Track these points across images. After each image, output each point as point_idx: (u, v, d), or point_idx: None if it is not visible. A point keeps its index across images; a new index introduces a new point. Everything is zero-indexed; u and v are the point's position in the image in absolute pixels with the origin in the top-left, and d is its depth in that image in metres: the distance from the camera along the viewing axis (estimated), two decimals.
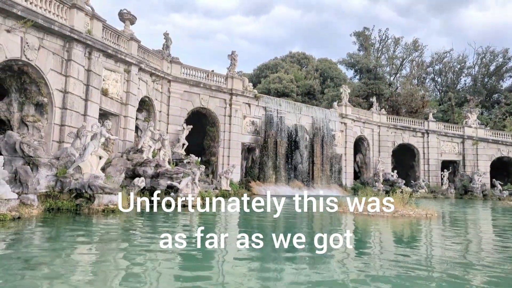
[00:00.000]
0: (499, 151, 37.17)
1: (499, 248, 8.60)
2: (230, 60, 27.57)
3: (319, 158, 31.13)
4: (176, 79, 23.94)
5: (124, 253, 6.90)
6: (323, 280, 5.40)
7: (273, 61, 60.48)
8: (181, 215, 12.93)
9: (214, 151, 26.13)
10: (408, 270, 5.97)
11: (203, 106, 25.49)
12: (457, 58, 58.54)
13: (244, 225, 11.73)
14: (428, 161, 37.48)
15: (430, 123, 38.12)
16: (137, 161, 16.64)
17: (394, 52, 57.74)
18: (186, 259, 6.66)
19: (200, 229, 10.03)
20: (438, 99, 58.27)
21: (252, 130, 28.17)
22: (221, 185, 22.39)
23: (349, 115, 34.59)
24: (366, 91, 49.81)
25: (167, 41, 24.02)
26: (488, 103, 54.89)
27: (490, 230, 12.24)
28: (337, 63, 59.31)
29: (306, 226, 11.99)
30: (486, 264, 6.56)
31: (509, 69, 56.82)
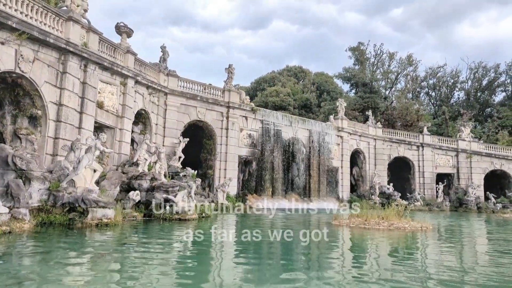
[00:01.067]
0: (492, 164, 37.37)
1: (493, 261, 8.48)
2: (227, 73, 27.67)
3: (315, 171, 31.03)
4: (172, 92, 23.91)
5: (118, 268, 6.68)
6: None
7: (270, 74, 60.98)
8: (176, 229, 12.67)
9: (210, 164, 25.95)
10: (401, 283, 5.82)
11: (200, 119, 25.43)
12: (451, 72, 59.40)
13: (241, 240, 11.50)
14: (423, 174, 37.51)
15: (425, 137, 38.31)
16: (132, 174, 16.43)
17: (389, 66, 58.46)
18: (181, 273, 6.46)
19: (196, 242, 9.80)
20: (433, 113, 58.76)
21: (249, 143, 28.08)
22: (217, 198, 22.15)
23: (345, 129, 34.67)
24: (362, 104, 50.14)
25: (164, 54, 24.09)
26: (481, 117, 55.40)
27: (485, 244, 12.09)
28: (333, 77, 59.90)
29: (303, 238, 11.77)
30: (480, 277, 6.44)
31: (501, 84, 57.65)
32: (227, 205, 21.96)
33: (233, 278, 6.20)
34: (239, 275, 6.42)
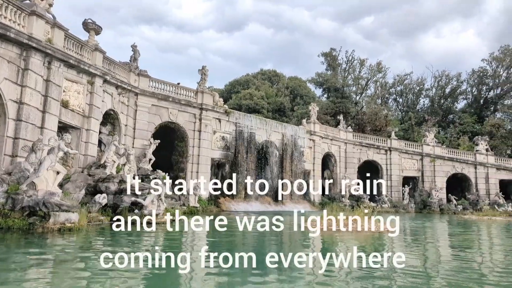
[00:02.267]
0: (454, 168, 39.10)
1: (455, 258, 8.78)
2: (200, 75, 27.34)
3: (288, 174, 31.18)
4: (143, 92, 23.32)
5: (81, 275, 6.33)
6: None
7: (244, 77, 61.00)
8: (145, 233, 12.27)
9: (182, 166, 25.48)
10: (370, 282, 5.86)
11: (172, 120, 24.93)
12: (417, 80, 61.73)
13: (211, 243, 11.28)
14: (390, 177, 38.62)
15: (392, 141, 39.50)
16: (99, 177, 15.82)
17: (360, 72, 60.06)
18: (149, 280, 6.20)
19: (165, 247, 9.52)
20: (400, 118, 60.78)
21: (222, 145, 27.84)
22: (189, 201, 21.73)
23: (317, 132, 35.15)
24: (333, 109, 51.09)
25: (135, 53, 23.47)
26: (444, 123, 57.89)
27: (447, 242, 12.53)
28: (306, 81, 60.75)
29: (275, 242, 11.71)
30: (442, 273, 6.62)
31: (462, 92, 60.58)
32: (198, 208, 21.63)
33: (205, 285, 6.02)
34: (211, 282, 6.25)
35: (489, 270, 8.22)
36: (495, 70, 56.33)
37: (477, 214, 31.45)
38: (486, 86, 57.96)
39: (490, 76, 56.67)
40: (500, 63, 55.44)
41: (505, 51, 54.84)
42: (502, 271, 8.03)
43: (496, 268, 8.44)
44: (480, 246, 12.96)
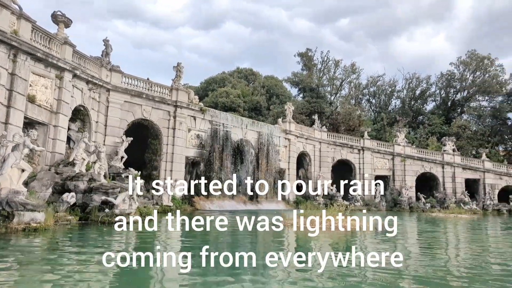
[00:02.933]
0: (423, 167, 40.50)
1: (424, 253, 9.07)
2: (175, 72, 26.89)
3: (263, 173, 31.27)
4: (116, 88, 22.69)
5: (47, 277, 6.05)
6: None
7: (221, 75, 60.58)
8: (116, 232, 11.93)
9: (156, 165, 24.99)
10: (343, 279, 5.95)
11: (145, 117, 24.41)
12: (389, 82, 63.40)
13: (186, 242, 11.12)
14: (363, 176, 39.48)
15: (365, 141, 40.40)
16: (67, 175, 15.25)
17: (335, 73, 60.99)
18: (119, 281, 6.01)
19: (136, 247, 9.30)
20: (373, 118, 62.25)
21: (197, 143, 27.53)
22: (162, 200, 21.35)
23: (292, 131, 35.43)
24: (309, 108, 51.65)
25: (107, 48, 22.78)
26: (414, 124, 59.80)
27: (416, 239, 12.93)
28: (282, 81, 61.07)
29: (250, 241, 11.69)
30: (412, 269, 6.82)
31: (431, 94, 62.82)
32: (172, 207, 21.29)
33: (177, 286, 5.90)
34: (183, 283, 6.14)
35: (455, 265, 8.53)
36: (462, 74, 58.71)
37: (444, 212, 32.68)
38: (453, 89, 60.33)
39: (458, 79, 59.02)
40: (467, 67, 57.83)
41: (471, 56, 57.23)
42: (466, 265, 8.36)
43: (462, 263, 8.77)
44: (447, 242, 13.46)
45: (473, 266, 8.41)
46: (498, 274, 7.57)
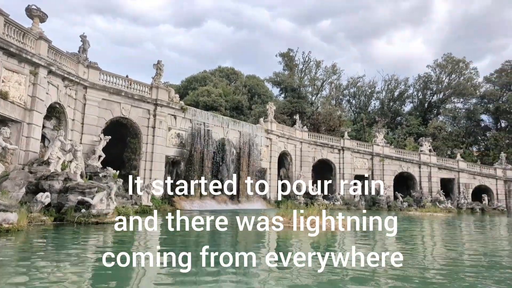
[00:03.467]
0: (401, 167, 41.44)
1: (400, 249, 9.27)
2: (155, 70, 26.48)
3: (245, 172, 31.23)
4: (93, 86, 22.13)
5: (20, 280, 5.81)
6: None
7: (202, 74, 60.12)
8: (93, 233, 11.63)
9: (135, 164, 24.54)
10: (321, 276, 5.99)
11: (124, 116, 23.92)
12: (369, 83, 64.59)
13: (165, 243, 10.95)
14: (343, 176, 40.04)
15: (345, 141, 40.98)
16: (42, 174, 14.76)
17: (316, 74, 61.58)
18: (96, 282, 5.84)
19: (114, 248, 9.08)
20: (353, 119, 63.23)
21: (178, 143, 27.20)
22: (141, 200, 20.99)
23: (274, 131, 35.53)
24: (290, 108, 51.95)
25: (84, 44, 22.18)
26: (392, 125, 61.14)
27: (394, 236, 13.13)
28: (264, 80, 61.19)
29: (232, 240, 11.63)
30: (390, 266, 6.96)
31: (409, 96, 64.41)
32: (151, 207, 20.96)
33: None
34: (163, 284, 6.02)
35: (430, 262, 8.74)
36: (438, 76, 60.41)
37: (421, 210, 33.50)
38: (430, 91, 61.99)
39: (434, 82, 60.70)
40: (443, 70, 59.55)
41: (447, 59, 58.96)
42: (442, 263, 8.58)
43: (437, 259, 8.99)
44: (423, 239, 13.78)
45: (448, 263, 8.63)
46: (472, 269, 7.79)
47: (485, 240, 14.56)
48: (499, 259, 9.43)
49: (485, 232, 18.42)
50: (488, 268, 7.99)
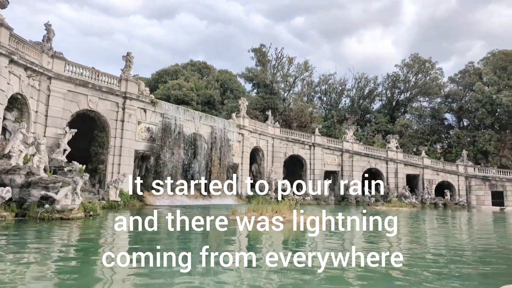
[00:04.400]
0: (369, 163, 42.71)
1: (366, 240, 9.61)
2: (125, 62, 25.74)
3: (216, 168, 31.10)
4: (58, 77, 21.23)
5: None
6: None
7: (173, 67, 59.07)
8: (57, 229, 11.24)
9: (102, 158, 23.85)
10: (292, 269, 6.11)
11: (91, 108, 23.14)
12: (340, 81, 65.88)
13: (132, 241, 10.75)
14: (313, 171, 40.78)
15: (316, 137, 41.68)
16: (2, 168, 14.08)
17: (288, 70, 62.03)
18: (59, 282, 5.67)
19: (78, 246, 8.83)
20: (324, 115, 64.36)
21: (148, 137, 26.66)
22: (109, 195, 20.45)
23: (246, 127, 35.56)
24: (262, 104, 52.14)
25: (48, 33, 21.21)
26: (362, 122, 62.80)
27: (361, 231, 13.57)
28: (237, 75, 60.94)
29: (201, 235, 11.59)
30: (356, 261, 7.20)
31: (378, 94, 66.28)
32: (119, 203, 20.51)
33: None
34: (130, 284, 5.92)
35: (397, 254, 9.11)
36: (406, 76, 62.52)
37: (387, 205, 34.70)
38: (398, 90, 64.08)
39: (402, 81, 62.77)
40: (410, 69, 61.69)
41: (414, 59, 61.09)
42: (408, 256, 8.97)
43: (403, 251, 9.38)
44: (387, 234, 14.28)
45: (412, 255, 9.03)
46: (433, 262, 8.19)
47: (446, 233, 15.31)
48: (460, 252, 9.96)
49: (447, 226, 19.38)
50: (448, 261, 8.42)
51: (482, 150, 50.13)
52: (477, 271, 7.28)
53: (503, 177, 42.12)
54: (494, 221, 24.16)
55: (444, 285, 5.60)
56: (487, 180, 42.83)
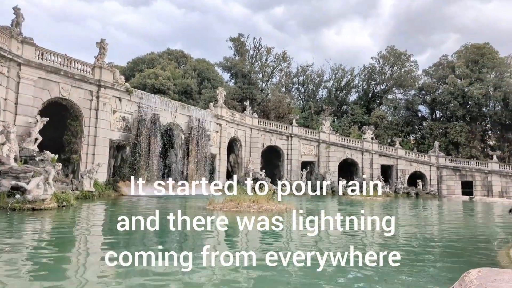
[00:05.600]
0: (345, 154, 43.57)
1: (342, 227, 9.93)
2: (98, 49, 24.98)
3: (194, 158, 30.92)
4: (28, 63, 20.39)
5: None
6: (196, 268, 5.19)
7: (149, 55, 57.82)
8: (29, 220, 10.95)
9: (76, 148, 23.25)
10: (268, 256, 6.25)
11: (64, 96, 22.41)
12: (317, 72, 66.37)
13: (106, 230, 10.63)
14: (291, 162, 41.24)
15: (293, 128, 42.06)
16: None
17: (266, 60, 61.94)
18: (31, 273, 5.57)
19: (49, 238, 8.66)
20: (301, 106, 64.86)
21: (123, 126, 26.14)
22: (83, 185, 20.02)
23: (224, 117, 35.42)
24: (240, 94, 51.96)
25: (17, 17, 20.27)
26: (338, 113, 63.73)
27: (338, 218, 13.94)
28: (214, 65, 60.32)
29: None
30: (334, 244, 7.44)
31: (355, 85, 67.28)
32: (94, 193, 20.12)
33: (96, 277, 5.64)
34: (104, 274, 5.89)
35: (369, 239, 9.44)
36: (382, 68, 63.69)
37: (362, 195, 35.55)
38: (374, 82, 65.27)
39: (378, 73, 63.94)
40: (386, 62, 62.85)
41: (391, 51, 62.25)
42: (380, 239, 9.30)
43: (375, 236, 9.73)
44: (365, 221, 14.71)
45: (385, 239, 9.39)
46: (404, 246, 8.55)
47: (418, 221, 15.94)
48: (429, 238, 10.41)
49: (418, 214, 20.15)
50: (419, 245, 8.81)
51: (454, 142, 52.01)
52: (445, 257, 7.66)
53: (472, 167, 43.90)
54: (464, 209, 25.30)
55: (413, 270, 5.87)
56: (458, 171, 44.56)
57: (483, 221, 17.61)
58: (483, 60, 52.53)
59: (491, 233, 12.49)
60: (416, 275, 5.63)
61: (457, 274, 4.69)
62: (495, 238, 10.51)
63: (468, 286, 2.97)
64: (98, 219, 12.97)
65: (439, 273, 5.96)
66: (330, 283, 5.38)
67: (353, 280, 5.51)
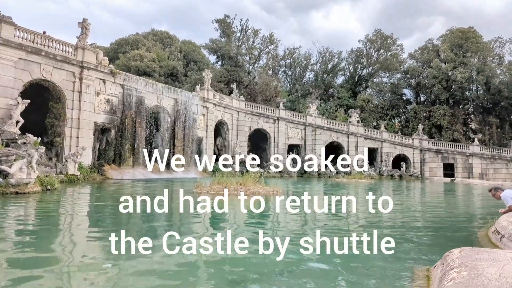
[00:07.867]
0: (331, 137, 43.99)
1: (327, 209, 10.12)
2: (81, 29, 24.19)
3: (180, 141, 30.73)
4: (7, 43, 19.62)
5: None
6: (181, 261, 5.23)
7: (134, 36, 56.41)
8: (11, 204, 10.77)
9: (59, 131, 22.76)
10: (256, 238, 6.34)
11: (45, 78, 21.76)
12: (304, 54, 65.97)
13: (91, 213, 10.56)
14: (278, 145, 41.44)
15: (280, 111, 42.07)
16: None
17: (253, 43, 61.14)
18: (13, 258, 5.52)
19: (33, 223, 8.56)
20: (288, 90, 64.71)
21: (108, 109, 25.66)
22: (67, 169, 19.72)
23: (211, 100, 35.10)
24: (227, 77, 51.42)
25: None
26: (325, 96, 63.86)
27: (323, 201, 14.17)
28: (200, 47, 59.30)
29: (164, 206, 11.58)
30: (319, 225, 7.58)
31: (341, 69, 67.25)
32: (79, 177, 19.87)
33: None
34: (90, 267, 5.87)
35: (354, 222, 9.65)
36: (368, 51, 63.74)
37: (347, 177, 36.19)
38: (360, 65, 65.38)
39: (365, 56, 63.99)
40: (373, 45, 62.88)
41: (377, 34, 62.22)
42: (363, 220, 9.52)
43: (359, 219, 9.95)
44: (349, 203, 15.00)
45: (367, 218, 9.61)
46: (389, 226, 8.78)
47: (400, 201, 16.33)
48: (412, 218, 10.69)
49: (400, 195, 20.64)
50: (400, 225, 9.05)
51: (437, 125, 52.98)
52: (427, 237, 7.91)
53: (454, 150, 44.95)
54: (445, 191, 26.02)
55: (396, 250, 6.03)
56: (440, 153, 45.57)
57: (464, 202, 18.18)
58: (467, 44, 53.09)
59: (471, 214, 12.92)
60: (398, 255, 5.80)
61: (439, 253, 4.87)
62: (475, 219, 10.88)
63: (450, 265, 3.08)
64: (84, 202, 12.85)
65: (421, 253, 6.16)
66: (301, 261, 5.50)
67: (337, 264, 5.63)
